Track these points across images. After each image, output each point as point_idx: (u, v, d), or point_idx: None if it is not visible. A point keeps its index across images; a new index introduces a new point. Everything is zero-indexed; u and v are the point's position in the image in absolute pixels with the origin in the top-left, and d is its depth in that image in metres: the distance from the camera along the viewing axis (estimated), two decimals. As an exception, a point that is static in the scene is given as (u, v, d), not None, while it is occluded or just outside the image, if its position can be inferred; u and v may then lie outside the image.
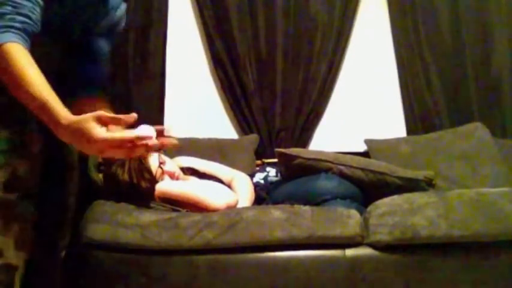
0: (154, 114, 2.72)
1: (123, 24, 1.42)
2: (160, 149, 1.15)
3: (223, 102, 2.83)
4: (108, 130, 1.04)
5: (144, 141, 1.01)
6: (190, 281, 1.56)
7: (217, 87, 2.83)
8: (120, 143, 1.00)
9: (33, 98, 1.03)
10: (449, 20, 2.84)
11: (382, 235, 1.56)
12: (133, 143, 1.01)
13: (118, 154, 1.03)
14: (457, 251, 1.57)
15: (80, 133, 1.00)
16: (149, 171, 1.82)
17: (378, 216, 1.60)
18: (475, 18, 2.83)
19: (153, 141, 1.03)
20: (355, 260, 1.57)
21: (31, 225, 1.35)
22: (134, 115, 1.02)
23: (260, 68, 2.77)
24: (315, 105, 2.78)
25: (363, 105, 2.86)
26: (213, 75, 2.83)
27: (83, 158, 1.67)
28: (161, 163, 1.86)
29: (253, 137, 2.70)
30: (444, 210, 1.58)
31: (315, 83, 2.78)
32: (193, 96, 2.82)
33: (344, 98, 2.86)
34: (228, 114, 2.83)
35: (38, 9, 1.12)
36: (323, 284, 1.56)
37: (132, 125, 1.06)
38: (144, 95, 2.71)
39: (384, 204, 1.64)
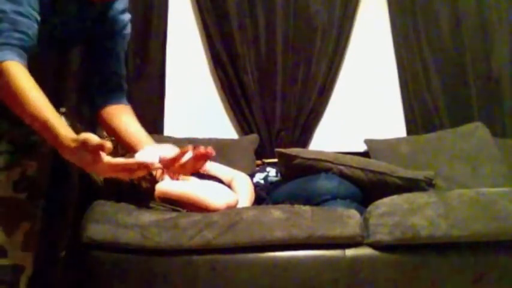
0: (154, 114, 2.72)
1: (128, 30, 1.42)
2: (179, 173, 1.15)
3: (223, 102, 2.83)
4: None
5: (145, 166, 1.02)
6: (190, 281, 1.56)
7: (217, 87, 2.83)
8: (122, 168, 1.01)
9: (34, 117, 1.04)
10: (449, 20, 2.84)
11: (382, 235, 1.56)
12: (134, 167, 1.02)
13: (119, 176, 1.04)
14: (457, 251, 1.57)
15: (82, 156, 1.00)
16: (149, 171, 1.82)
17: (377, 216, 1.59)
18: (475, 18, 2.83)
19: (155, 166, 1.04)
20: (355, 260, 1.57)
21: (39, 225, 1.35)
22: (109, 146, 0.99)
23: (260, 68, 2.77)
24: (315, 105, 2.79)
25: (363, 105, 2.86)
26: (213, 75, 2.83)
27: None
28: (161, 163, 1.86)
29: (253, 137, 2.70)
30: (444, 210, 1.57)
31: (315, 83, 2.78)
32: (193, 96, 2.82)
33: (344, 98, 2.86)
34: (228, 114, 2.83)
35: (36, 25, 1.12)
36: (323, 284, 1.56)
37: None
38: (144, 95, 2.71)
39: (384, 204, 1.64)
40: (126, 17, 1.41)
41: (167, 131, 2.73)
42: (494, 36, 2.82)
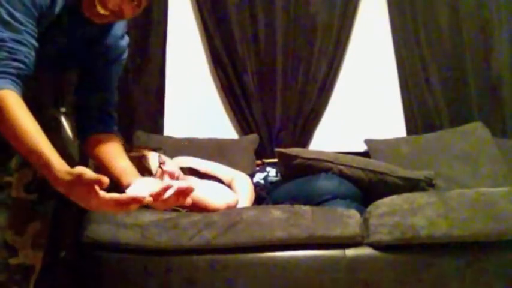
0: (154, 114, 2.72)
1: (125, 55, 1.42)
2: (161, 207, 1.17)
3: (223, 102, 2.83)
4: None
5: (138, 200, 1.03)
6: (190, 281, 1.56)
7: (217, 87, 2.83)
8: (116, 203, 1.01)
9: (28, 148, 1.04)
10: (449, 20, 2.84)
11: (382, 235, 1.56)
12: (128, 202, 1.02)
13: (113, 210, 1.04)
14: (457, 251, 1.57)
15: (77, 190, 1.00)
16: (149, 171, 1.82)
17: (377, 216, 1.60)
18: (475, 18, 2.83)
19: (147, 200, 1.05)
20: (355, 260, 1.57)
21: (48, 225, 1.36)
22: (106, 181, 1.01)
23: (260, 68, 2.77)
24: (315, 105, 2.78)
25: (363, 105, 2.86)
26: (213, 75, 2.83)
27: (83, 158, 1.68)
28: (161, 163, 1.86)
29: (253, 137, 2.70)
30: (444, 210, 1.58)
31: (315, 83, 2.78)
32: (193, 96, 2.82)
33: (344, 98, 2.86)
34: (228, 114, 2.83)
35: (33, 53, 1.13)
36: (323, 284, 1.56)
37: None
38: (144, 95, 2.71)
39: (384, 204, 1.64)
40: (125, 41, 1.40)
41: (167, 131, 2.73)
42: (494, 36, 2.82)
